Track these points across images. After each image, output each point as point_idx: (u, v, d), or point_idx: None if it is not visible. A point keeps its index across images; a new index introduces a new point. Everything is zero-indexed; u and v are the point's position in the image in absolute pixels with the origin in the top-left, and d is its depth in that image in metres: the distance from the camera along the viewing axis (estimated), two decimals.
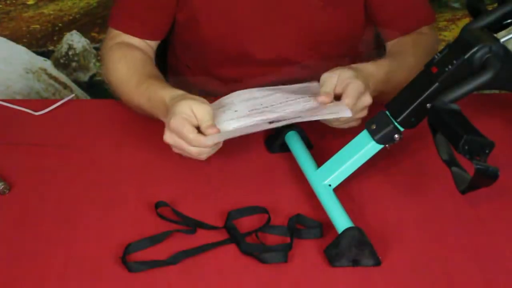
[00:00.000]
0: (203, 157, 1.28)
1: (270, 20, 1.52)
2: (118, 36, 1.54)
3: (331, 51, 1.56)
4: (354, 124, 1.34)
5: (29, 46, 2.27)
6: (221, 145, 1.28)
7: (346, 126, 1.34)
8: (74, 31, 2.26)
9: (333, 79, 1.32)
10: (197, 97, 1.30)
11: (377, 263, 1.14)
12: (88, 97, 2.34)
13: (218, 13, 1.53)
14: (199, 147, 1.25)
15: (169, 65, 1.73)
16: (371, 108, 1.33)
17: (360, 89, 1.30)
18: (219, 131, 1.26)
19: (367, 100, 1.31)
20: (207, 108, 1.27)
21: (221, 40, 1.56)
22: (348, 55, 1.52)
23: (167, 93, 1.35)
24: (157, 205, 1.25)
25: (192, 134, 1.24)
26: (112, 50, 1.52)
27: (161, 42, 1.62)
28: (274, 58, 1.55)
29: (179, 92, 1.34)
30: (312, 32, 1.54)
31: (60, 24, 2.25)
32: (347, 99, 1.29)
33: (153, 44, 1.57)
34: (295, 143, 1.36)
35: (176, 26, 1.60)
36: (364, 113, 1.33)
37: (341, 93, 1.31)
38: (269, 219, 1.22)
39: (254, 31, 1.53)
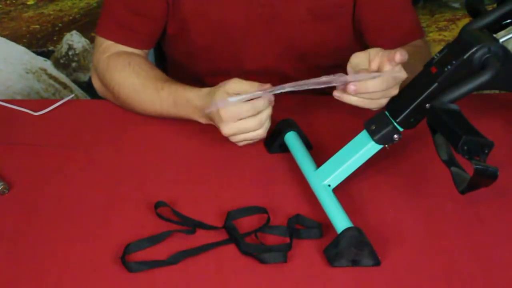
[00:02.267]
0: (264, 127, 1.29)
1: (260, 32, 1.53)
2: (111, 47, 1.52)
3: (320, 62, 1.57)
4: (384, 102, 1.28)
5: (29, 46, 2.27)
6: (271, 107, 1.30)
7: (376, 106, 1.29)
8: (74, 31, 2.26)
9: (364, 57, 1.28)
10: (224, 82, 1.31)
11: (377, 263, 1.14)
12: (88, 97, 2.34)
13: (209, 24, 1.52)
14: (256, 115, 1.27)
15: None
16: None
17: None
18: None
19: (404, 72, 1.27)
20: (239, 81, 1.29)
21: (211, 50, 1.56)
22: (337, 65, 1.52)
23: (194, 94, 1.36)
24: (157, 205, 1.25)
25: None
26: (111, 60, 1.50)
27: (159, 52, 1.63)
28: (263, 69, 1.56)
29: (205, 89, 1.35)
30: (301, 45, 1.55)
31: (60, 24, 2.25)
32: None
33: (147, 51, 1.56)
34: (294, 143, 1.36)
35: (166, 39, 1.60)
36: (396, 89, 1.28)
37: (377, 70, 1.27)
38: (268, 219, 1.22)
39: (244, 43, 1.54)
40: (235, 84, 1.29)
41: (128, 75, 1.46)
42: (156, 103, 1.43)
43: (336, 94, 1.27)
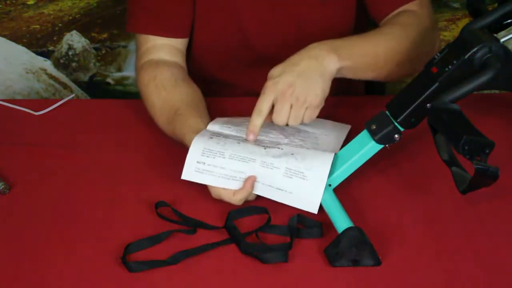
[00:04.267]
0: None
1: (269, 17, 1.52)
2: (146, 53, 1.51)
3: None
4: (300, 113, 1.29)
5: (29, 46, 2.26)
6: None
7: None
8: (74, 31, 2.26)
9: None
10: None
11: (377, 263, 1.14)
12: (88, 97, 2.34)
13: (216, 10, 1.52)
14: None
15: None
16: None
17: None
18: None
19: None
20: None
21: (220, 38, 1.55)
22: None
23: (187, 139, 1.32)
24: (157, 205, 1.25)
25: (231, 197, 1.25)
26: (141, 72, 1.50)
27: None
28: (272, 56, 1.55)
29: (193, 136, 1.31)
30: (309, 29, 1.54)
31: (60, 24, 2.24)
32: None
33: (180, 45, 1.54)
34: None
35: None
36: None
37: None
38: (269, 219, 1.22)
39: (253, 28, 1.53)
40: None
41: (151, 92, 1.45)
42: (166, 130, 1.41)
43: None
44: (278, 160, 1.24)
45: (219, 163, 1.25)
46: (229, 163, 1.25)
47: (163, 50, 1.52)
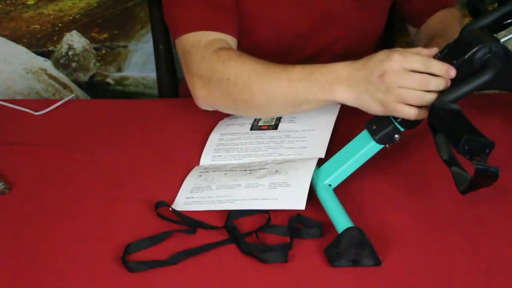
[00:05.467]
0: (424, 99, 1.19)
1: (312, 23, 1.51)
2: (211, 41, 1.40)
3: (360, 49, 1.54)
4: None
5: (29, 46, 2.27)
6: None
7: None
8: (74, 31, 2.26)
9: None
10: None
11: (377, 263, 1.14)
12: (88, 97, 2.34)
13: (265, 18, 1.50)
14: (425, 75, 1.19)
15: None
16: None
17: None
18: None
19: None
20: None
21: (265, 44, 1.53)
22: (369, 51, 1.49)
23: (341, 63, 1.27)
24: (157, 205, 1.25)
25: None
26: (221, 52, 1.38)
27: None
28: (314, 56, 1.54)
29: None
30: (344, 32, 1.53)
31: (60, 24, 2.24)
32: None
33: (233, 45, 1.46)
34: None
35: None
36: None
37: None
38: (269, 219, 1.22)
39: (296, 33, 1.52)
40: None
41: (247, 59, 1.36)
42: (283, 79, 1.32)
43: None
44: (263, 179, 1.26)
45: (206, 194, 1.27)
46: (216, 193, 1.27)
47: (225, 43, 1.42)
